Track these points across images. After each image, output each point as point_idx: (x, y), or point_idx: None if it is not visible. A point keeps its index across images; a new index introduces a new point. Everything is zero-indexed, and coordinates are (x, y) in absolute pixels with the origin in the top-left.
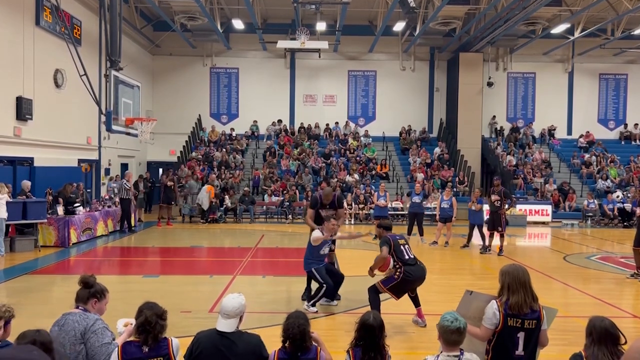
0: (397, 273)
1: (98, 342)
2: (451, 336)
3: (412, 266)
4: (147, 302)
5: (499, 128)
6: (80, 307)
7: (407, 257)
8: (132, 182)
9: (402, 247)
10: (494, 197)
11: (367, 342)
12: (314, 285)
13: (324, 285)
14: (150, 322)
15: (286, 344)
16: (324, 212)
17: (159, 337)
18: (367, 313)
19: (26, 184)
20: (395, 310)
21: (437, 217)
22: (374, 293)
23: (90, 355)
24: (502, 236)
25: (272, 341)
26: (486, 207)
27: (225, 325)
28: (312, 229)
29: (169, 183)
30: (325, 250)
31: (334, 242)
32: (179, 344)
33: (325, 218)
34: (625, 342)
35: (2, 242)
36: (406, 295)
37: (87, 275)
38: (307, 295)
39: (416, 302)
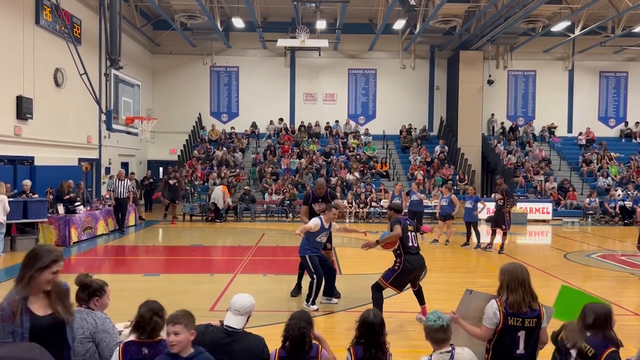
0: (397, 263)
1: (113, 340)
2: (436, 335)
3: (413, 255)
4: (148, 300)
5: (498, 126)
6: (83, 307)
7: (410, 244)
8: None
9: (409, 232)
10: (496, 196)
11: (368, 339)
12: (304, 283)
13: (314, 275)
14: (144, 318)
15: (286, 344)
16: (317, 207)
17: (154, 334)
18: (367, 311)
19: (26, 183)
20: (396, 308)
21: (438, 214)
22: (376, 291)
23: (106, 354)
24: (504, 234)
25: (272, 340)
26: (488, 205)
27: (234, 322)
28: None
29: (172, 181)
30: (323, 238)
31: (330, 240)
32: None
33: (319, 212)
34: (593, 323)
35: (1, 241)
36: (409, 292)
37: (82, 277)
38: (295, 291)
39: (421, 299)
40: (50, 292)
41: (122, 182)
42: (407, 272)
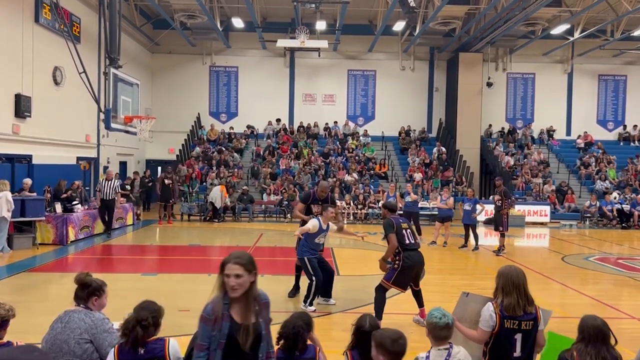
0: (397, 261)
1: (114, 340)
2: (441, 332)
3: (411, 251)
4: (144, 301)
5: (495, 134)
6: (81, 306)
7: (407, 241)
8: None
9: (404, 231)
10: (495, 197)
11: (364, 348)
12: (302, 283)
13: (313, 277)
14: (127, 325)
15: (280, 342)
16: (315, 208)
17: (137, 344)
18: (363, 317)
19: (27, 182)
20: (395, 309)
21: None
22: (380, 293)
23: (106, 354)
24: (502, 236)
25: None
26: (487, 208)
27: None
28: (303, 220)
29: (167, 181)
30: (321, 239)
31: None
32: (177, 344)
33: (316, 214)
34: (616, 343)
35: (4, 239)
36: (407, 293)
37: (82, 275)
38: (293, 292)
39: (420, 301)
40: (248, 300)
41: (110, 182)
42: (407, 269)
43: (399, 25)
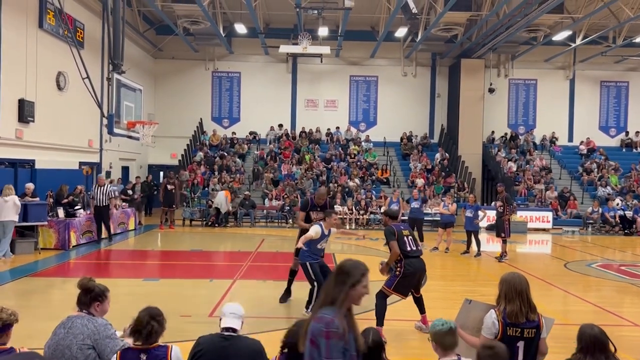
0: (398, 268)
1: (117, 346)
2: (446, 338)
3: (413, 258)
4: (148, 306)
5: (497, 140)
6: (84, 311)
7: (408, 248)
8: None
9: (405, 237)
10: (497, 203)
11: None
12: (299, 289)
13: (315, 282)
14: (141, 321)
15: (284, 350)
16: (314, 214)
17: (150, 339)
18: (366, 331)
19: (29, 186)
20: (396, 316)
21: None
22: (380, 299)
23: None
24: (504, 242)
25: (271, 346)
26: (489, 214)
27: (234, 323)
28: (303, 228)
29: (169, 187)
30: (323, 245)
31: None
32: (180, 350)
33: (315, 220)
34: (615, 351)
35: (7, 244)
36: (409, 300)
37: (85, 280)
38: (284, 297)
39: (421, 308)
40: (350, 310)
41: (102, 188)
42: (408, 276)
43: (401, 32)
